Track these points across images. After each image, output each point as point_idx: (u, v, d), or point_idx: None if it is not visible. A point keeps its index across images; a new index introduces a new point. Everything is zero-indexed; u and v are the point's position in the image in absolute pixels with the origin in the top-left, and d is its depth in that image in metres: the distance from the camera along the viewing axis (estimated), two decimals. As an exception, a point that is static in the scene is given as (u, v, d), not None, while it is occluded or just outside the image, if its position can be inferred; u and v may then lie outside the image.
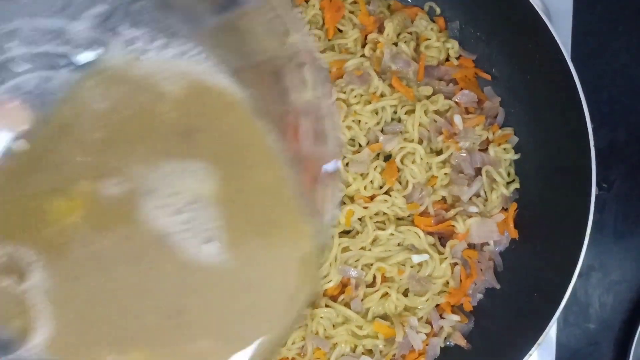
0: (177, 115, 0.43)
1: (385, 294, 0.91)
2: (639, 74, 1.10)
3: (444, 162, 0.93)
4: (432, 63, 0.97)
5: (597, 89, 0.84)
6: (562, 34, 0.85)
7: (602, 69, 1.08)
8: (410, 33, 0.98)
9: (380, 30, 0.96)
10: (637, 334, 0.99)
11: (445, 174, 0.93)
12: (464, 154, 0.94)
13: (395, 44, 0.96)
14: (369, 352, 0.92)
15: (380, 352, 0.91)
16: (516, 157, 0.96)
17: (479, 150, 0.95)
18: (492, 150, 0.95)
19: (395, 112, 0.94)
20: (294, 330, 0.86)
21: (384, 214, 0.92)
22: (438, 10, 1.00)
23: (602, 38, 1.10)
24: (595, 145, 0.84)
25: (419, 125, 0.93)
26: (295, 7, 0.92)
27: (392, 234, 0.91)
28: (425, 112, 0.93)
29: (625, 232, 1.06)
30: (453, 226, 0.92)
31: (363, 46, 0.96)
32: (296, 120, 0.47)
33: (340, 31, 0.97)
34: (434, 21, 1.00)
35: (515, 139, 0.96)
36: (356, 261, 0.91)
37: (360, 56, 0.95)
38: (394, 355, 0.91)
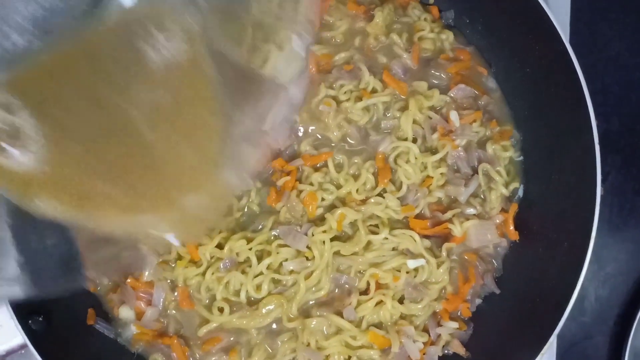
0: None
1: (380, 302, 0.86)
2: (632, 63, 1.07)
3: (439, 161, 0.88)
4: (427, 55, 0.92)
5: (590, 79, 0.82)
6: (560, 25, 0.83)
7: (596, 58, 1.05)
8: (403, 23, 0.92)
9: (370, 20, 0.90)
10: (634, 327, 0.96)
11: (442, 173, 0.88)
12: (461, 152, 0.89)
13: (387, 36, 0.90)
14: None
15: (376, 363, 0.87)
16: (515, 154, 0.92)
17: (477, 148, 0.90)
18: (490, 147, 0.90)
19: (387, 109, 0.89)
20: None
21: (378, 217, 0.87)
22: (431, -1, 0.95)
23: (595, 27, 1.07)
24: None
25: (413, 122, 0.88)
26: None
27: (386, 238, 0.86)
28: (420, 109, 0.88)
29: (620, 224, 1.03)
30: (450, 229, 0.87)
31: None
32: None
33: (328, 22, 0.91)
34: (427, 10, 0.94)
35: (515, 135, 0.92)
36: (348, 267, 0.86)
37: (350, 49, 0.90)
38: (391, 365, 0.87)
